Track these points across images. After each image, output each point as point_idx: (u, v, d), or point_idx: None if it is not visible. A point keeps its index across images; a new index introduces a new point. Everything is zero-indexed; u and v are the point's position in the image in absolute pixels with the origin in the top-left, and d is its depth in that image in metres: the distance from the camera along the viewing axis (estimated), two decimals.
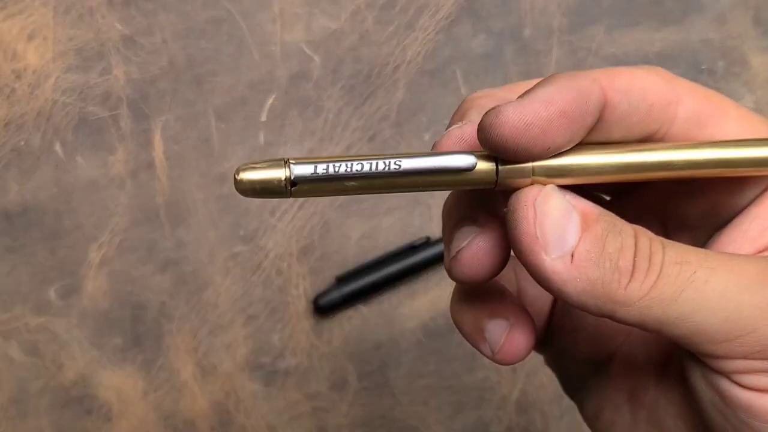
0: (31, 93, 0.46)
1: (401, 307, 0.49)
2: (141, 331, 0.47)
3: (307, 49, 0.48)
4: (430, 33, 0.49)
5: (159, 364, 0.47)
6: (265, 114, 0.48)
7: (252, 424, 0.48)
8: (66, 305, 0.47)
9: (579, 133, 0.24)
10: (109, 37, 0.47)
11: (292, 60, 0.48)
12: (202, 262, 0.48)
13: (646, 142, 0.26)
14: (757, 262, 0.24)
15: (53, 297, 0.47)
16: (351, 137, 0.49)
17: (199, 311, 0.48)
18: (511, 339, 0.27)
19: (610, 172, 0.25)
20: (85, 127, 0.47)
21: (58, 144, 0.46)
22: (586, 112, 0.24)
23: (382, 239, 0.49)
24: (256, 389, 0.48)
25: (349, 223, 0.49)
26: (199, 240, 0.47)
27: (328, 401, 0.49)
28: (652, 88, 0.26)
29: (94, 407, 0.47)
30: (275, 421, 0.48)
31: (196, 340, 0.48)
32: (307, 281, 0.48)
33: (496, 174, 0.24)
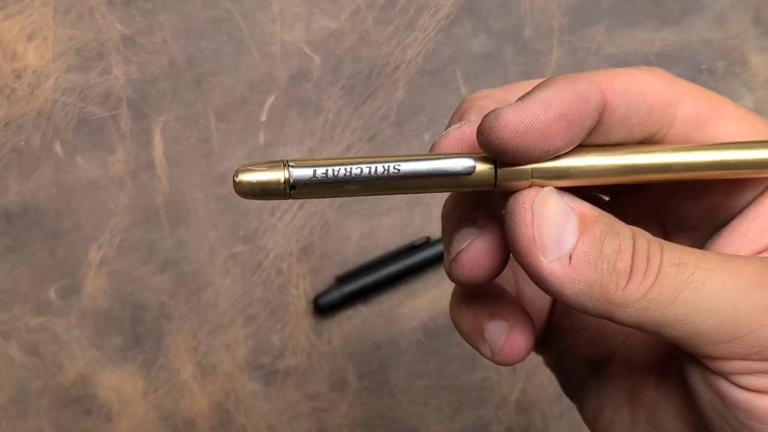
0: (31, 93, 0.46)
1: (401, 307, 0.49)
2: (141, 331, 0.47)
3: (307, 49, 0.48)
4: (430, 33, 0.49)
5: (159, 364, 0.47)
6: (265, 114, 0.48)
7: (252, 424, 0.48)
8: (66, 305, 0.47)
9: (578, 136, 0.24)
10: (109, 37, 0.47)
11: (292, 60, 0.48)
12: (202, 262, 0.48)
13: (646, 143, 0.26)
14: (754, 263, 0.24)
15: (53, 297, 0.47)
16: (351, 137, 0.49)
17: (199, 311, 0.48)
18: (511, 340, 0.27)
19: (609, 174, 0.25)
20: (85, 127, 0.47)
21: (58, 144, 0.46)
22: (585, 115, 0.24)
23: (382, 239, 0.49)
24: (256, 389, 0.48)
25: (349, 223, 0.49)
26: (199, 240, 0.47)
27: (328, 401, 0.49)
28: (652, 89, 0.25)
29: (94, 407, 0.47)
30: (275, 421, 0.48)
31: (196, 340, 0.48)
32: (307, 281, 0.49)
33: (494, 176, 0.24)
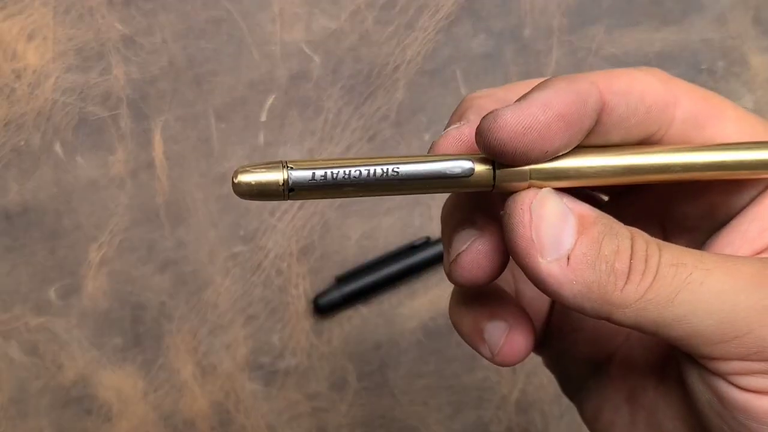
0: (31, 93, 0.46)
1: (401, 307, 0.49)
2: (141, 331, 0.47)
3: (307, 49, 0.48)
4: (430, 33, 0.49)
5: (159, 364, 0.47)
6: (264, 114, 0.48)
7: (252, 424, 0.48)
8: (66, 305, 0.47)
9: (577, 137, 0.24)
10: (109, 37, 0.47)
11: (292, 60, 0.48)
12: (202, 262, 0.48)
13: (644, 144, 0.26)
14: (752, 263, 0.24)
15: (53, 297, 0.47)
16: (351, 137, 0.49)
17: (199, 311, 0.48)
18: (511, 340, 0.27)
19: (608, 175, 0.25)
20: (85, 127, 0.47)
21: (58, 144, 0.47)
22: (584, 116, 0.24)
23: (382, 239, 0.49)
24: (256, 389, 0.48)
25: (349, 223, 0.49)
26: (199, 240, 0.48)
27: (328, 401, 0.49)
28: (650, 90, 0.25)
29: (94, 407, 0.47)
30: (275, 421, 0.48)
31: (196, 340, 0.48)
32: (307, 281, 0.49)
33: (493, 177, 0.24)
